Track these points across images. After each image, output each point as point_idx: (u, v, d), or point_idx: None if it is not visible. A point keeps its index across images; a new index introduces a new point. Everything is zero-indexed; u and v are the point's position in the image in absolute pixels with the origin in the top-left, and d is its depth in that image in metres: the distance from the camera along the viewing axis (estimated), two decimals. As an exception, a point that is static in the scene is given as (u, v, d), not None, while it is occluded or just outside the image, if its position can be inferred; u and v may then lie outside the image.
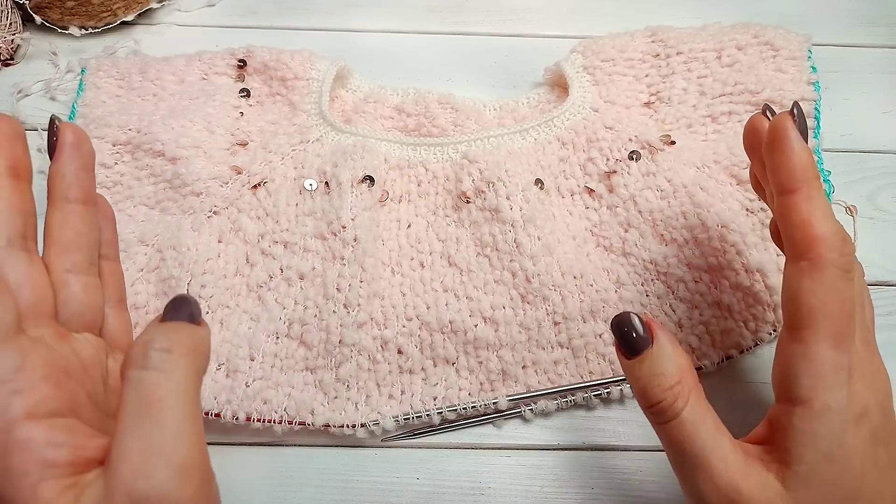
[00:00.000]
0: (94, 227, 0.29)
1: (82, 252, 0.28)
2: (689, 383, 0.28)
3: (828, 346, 0.27)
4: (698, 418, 0.28)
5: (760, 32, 0.46)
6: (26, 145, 0.27)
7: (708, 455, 0.27)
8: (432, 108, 0.46)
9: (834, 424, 0.27)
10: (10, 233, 0.26)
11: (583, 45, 0.48)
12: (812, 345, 0.27)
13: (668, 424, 0.28)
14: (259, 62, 0.47)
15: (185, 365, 0.24)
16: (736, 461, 0.27)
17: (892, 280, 0.44)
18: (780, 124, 0.28)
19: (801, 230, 0.27)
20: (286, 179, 0.43)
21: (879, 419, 0.28)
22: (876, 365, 0.29)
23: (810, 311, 0.27)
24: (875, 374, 0.28)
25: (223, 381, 0.38)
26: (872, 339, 0.30)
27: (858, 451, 0.27)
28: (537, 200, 0.42)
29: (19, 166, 0.27)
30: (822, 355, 0.27)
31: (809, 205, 0.27)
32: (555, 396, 0.39)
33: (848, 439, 0.27)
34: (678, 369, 0.28)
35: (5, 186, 0.26)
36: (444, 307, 0.39)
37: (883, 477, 0.27)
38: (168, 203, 0.42)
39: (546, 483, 0.38)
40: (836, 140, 0.49)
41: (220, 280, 0.40)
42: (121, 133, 0.44)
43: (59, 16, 0.51)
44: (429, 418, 0.38)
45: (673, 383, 0.28)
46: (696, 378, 0.29)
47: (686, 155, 0.43)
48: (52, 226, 0.28)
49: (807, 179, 0.28)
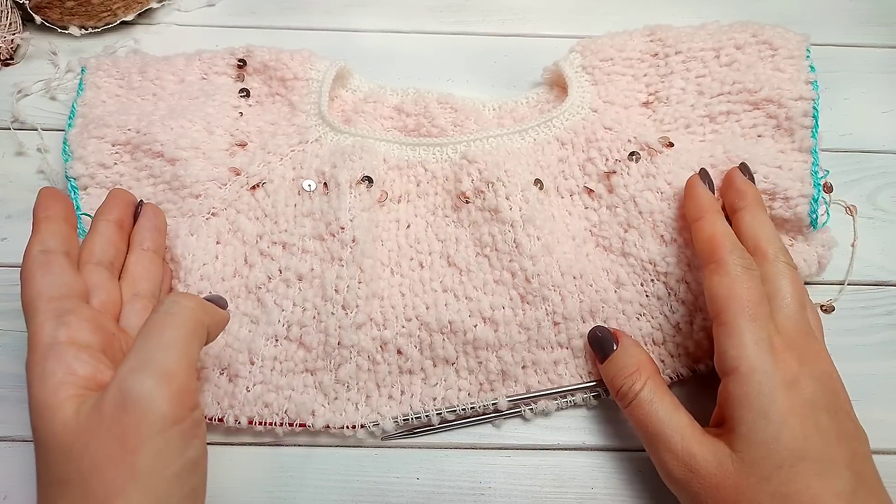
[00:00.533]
0: (159, 269, 0.38)
1: (146, 284, 0.37)
2: (646, 372, 0.35)
3: (744, 321, 0.32)
4: (655, 398, 0.34)
5: (759, 31, 0.46)
6: (132, 210, 0.39)
7: (665, 428, 0.33)
8: (432, 108, 0.46)
9: (763, 385, 0.31)
10: (102, 258, 0.36)
11: (581, 45, 0.48)
12: (730, 323, 0.33)
13: (630, 406, 0.35)
14: (259, 62, 0.47)
15: (190, 316, 0.31)
16: (692, 433, 0.32)
17: (892, 280, 0.44)
18: (691, 180, 0.40)
19: (706, 243, 0.36)
20: (285, 180, 0.43)
21: (817, 389, 0.32)
22: (815, 350, 0.33)
23: (722, 298, 0.33)
24: (812, 356, 0.33)
25: (225, 386, 0.38)
26: (812, 332, 0.34)
27: (794, 412, 0.31)
28: (536, 201, 0.42)
29: (125, 222, 0.38)
30: (739, 328, 0.32)
31: (712, 226, 0.36)
32: (555, 396, 0.39)
33: (779, 399, 0.31)
34: (636, 361, 0.36)
35: (111, 230, 0.37)
36: (444, 307, 0.39)
37: (829, 441, 0.31)
38: (168, 205, 0.42)
39: (546, 483, 0.38)
40: (836, 140, 0.49)
41: (219, 283, 0.40)
42: (120, 133, 0.44)
43: (59, 16, 0.51)
44: (428, 419, 0.38)
45: (631, 372, 0.35)
46: (655, 369, 0.36)
47: (684, 158, 0.43)
48: (129, 264, 0.37)
49: (709, 210, 0.37)
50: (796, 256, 0.41)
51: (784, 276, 0.35)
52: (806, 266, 0.42)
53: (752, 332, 0.32)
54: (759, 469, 0.30)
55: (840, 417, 0.32)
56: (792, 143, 0.43)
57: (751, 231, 0.37)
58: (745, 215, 0.38)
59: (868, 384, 0.40)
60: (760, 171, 0.41)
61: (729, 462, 0.31)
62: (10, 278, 0.43)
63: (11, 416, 0.39)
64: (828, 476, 0.30)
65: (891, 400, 0.40)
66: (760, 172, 0.41)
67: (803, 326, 0.34)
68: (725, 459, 0.31)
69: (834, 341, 0.37)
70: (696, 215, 0.38)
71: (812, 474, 0.30)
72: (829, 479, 0.30)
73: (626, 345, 0.37)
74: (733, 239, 0.36)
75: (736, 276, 0.34)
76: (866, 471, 0.31)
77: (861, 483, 0.30)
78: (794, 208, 0.41)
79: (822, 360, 0.33)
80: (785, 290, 0.34)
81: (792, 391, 0.31)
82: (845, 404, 0.33)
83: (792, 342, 0.33)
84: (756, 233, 0.37)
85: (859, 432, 0.32)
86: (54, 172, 0.46)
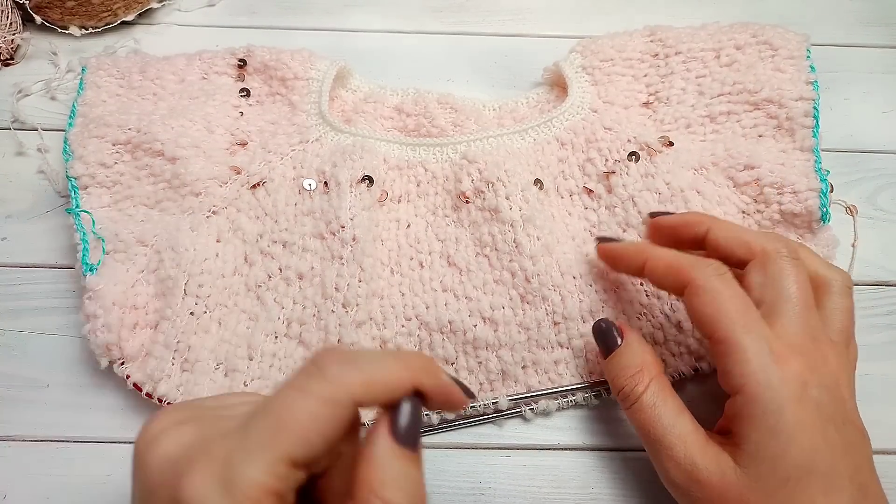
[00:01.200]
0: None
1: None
2: (650, 373, 0.33)
3: (738, 335, 0.30)
4: (658, 401, 0.32)
5: (759, 32, 0.46)
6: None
7: (668, 433, 0.32)
8: (432, 108, 0.46)
9: (771, 402, 0.29)
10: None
11: (581, 45, 0.48)
12: (725, 340, 0.31)
13: (632, 408, 0.33)
14: (259, 62, 0.47)
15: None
16: (695, 440, 0.31)
17: (892, 280, 0.44)
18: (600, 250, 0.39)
19: (666, 275, 0.34)
20: (285, 179, 0.43)
21: (825, 399, 0.30)
22: (823, 354, 0.31)
23: (709, 317, 0.31)
24: (820, 361, 0.31)
25: (221, 381, 0.38)
26: (820, 334, 0.32)
27: (803, 425, 0.29)
28: (536, 201, 0.42)
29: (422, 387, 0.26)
30: (736, 344, 0.30)
31: (660, 258, 0.35)
32: (555, 396, 0.39)
33: (788, 414, 0.29)
34: (640, 362, 0.34)
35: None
36: (444, 307, 0.39)
37: (836, 454, 0.29)
38: (167, 203, 0.42)
39: (546, 483, 0.38)
40: (836, 140, 0.49)
41: (219, 280, 0.40)
42: (120, 132, 0.44)
43: (59, 16, 0.51)
44: (428, 418, 0.38)
45: (634, 372, 0.33)
46: (659, 369, 0.34)
47: (684, 157, 0.43)
48: None
49: (644, 250, 0.36)
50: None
51: (787, 275, 0.32)
52: None
53: (749, 346, 0.30)
54: (765, 484, 0.29)
55: (847, 429, 0.31)
56: (793, 142, 0.43)
57: (732, 239, 0.34)
58: (716, 231, 0.35)
59: (868, 384, 0.40)
60: (765, 167, 0.41)
61: (732, 474, 0.30)
62: (11, 278, 0.43)
63: (11, 416, 0.39)
64: (832, 492, 0.29)
65: (891, 400, 0.40)
66: (765, 167, 0.41)
67: (809, 330, 0.32)
68: (729, 471, 0.30)
69: (834, 341, 0.37)
70: (637, 262, 0.35)
71: (817, 490, 0.29)
72: (833, 495, 0.29)
73: (630, 341, 0.35)
74: (687, 257, 0.34)
75: (714, 289, 0.32)
76: (869, 482, 0.30)
77: (864, 496, 0.29)
78: (804, 202, 0.41)
79: (829, 364, 0.31)
80: (789, 292, 0.32)
81: (801, 403, 0.30)
82: (852, 413, 0.31)
83: (796, 347, 0.31)
84: (739, 237, 0.34)
85: (864, 440, 0.32)
86: (54, 172, 0.46)
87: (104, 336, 0.37)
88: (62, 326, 0.41)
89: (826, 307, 0.34)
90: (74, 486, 0.37)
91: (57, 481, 0.37)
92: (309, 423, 0.23)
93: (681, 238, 0.37)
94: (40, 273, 0.43)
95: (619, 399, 0.35)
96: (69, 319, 0.41)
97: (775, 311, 0.32)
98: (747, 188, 0.42)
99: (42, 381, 0.40)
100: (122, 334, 0.38)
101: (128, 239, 0.41)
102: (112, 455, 0.38)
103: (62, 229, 0.44)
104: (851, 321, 0.34)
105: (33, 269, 0.43)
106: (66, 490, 0.37)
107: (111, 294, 0.38)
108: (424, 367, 0.26)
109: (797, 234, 0.42)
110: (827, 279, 0.34)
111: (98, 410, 0.39)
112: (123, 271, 0.40)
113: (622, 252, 0.37)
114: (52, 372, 0.40)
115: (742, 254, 0.34)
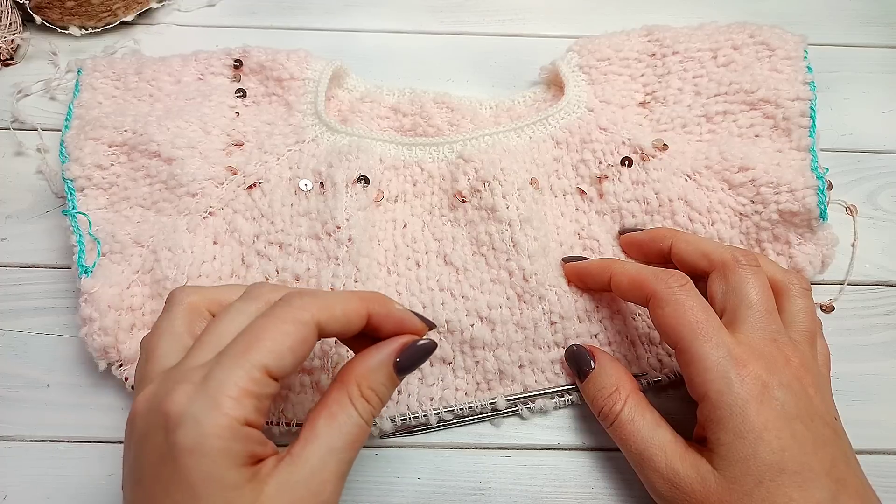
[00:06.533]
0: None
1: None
2: (626, 390, 0.35)
3: (699, 344, 0.32)
4: (637, 416, 0.34)
5: (756, 32, 0.46)
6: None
7: (648, 446, 0.33)
8: (428, 107, 0.46)
9: (733, 406, 0.31)
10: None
11: (578, 45, 0.48)
12: (687, 350, 0.32)
13: (612, 426, 0.35)
14: (255, 62, 0.47)
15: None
16: (674, 449, 0.33)
17: (892, 280, 0.44)
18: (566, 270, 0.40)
19: (630, 289, 0.36)
20: (281, 180, 0.43)
21: (788, 398, 0.31)
22: (784, 356, 0.33)
23: (672, 328, 0.33)
24: (781, 362, 0.32)
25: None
26: (780, 336, 0.33)
27: (768, 425, 0.30)
28: (533, 200, 0.42)
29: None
30: (697, 353, 0.32)
31: (623, 273, 0.36)
32: (552, 395, 0.39)
33: (752, 415, 0.31)
34: (615, 381, 0.36)
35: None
36: (441, 306, 0.39)
37: (806, 450, 0.30)
38: (164, 204, 0.42)
39: (546, 483, 0.38)
40: (835, 140, 0.49)
41: (216, 283, 0.40)
42: (117, 134, 0.44)
43: (59, 16, 0.51)
44: (426, 419, 0.38)
45: (610, 392, 0.35)
46: (634, 386, 0.36)
47: (678, 161, 0.43)
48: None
49: (609, 266, 0.37)
50: (802, 259, 0.41)
51: (748, 282, 0.34)
52: (811, 268, 0.42)
53: (709, 354, 0.32)
54: (741, 485, 0.30)
55: (816, 424, 0.31)
56: (789, 142, 0.43)
57: (693, 251, 0.37)
58: (677, 243, 0.37)
59: (868, 384, 0.40)
60: (760, 167, 0.41)
61: (712, 479, 0.31)
62: (11, 278, 0.43)
63: (11, 416, 0.39)
64: (808, 487, 0.30)
65: (891, 400, 0.40)
66: (760, 168, 0.41)
67: (770, 333, 0.33)
68: (708, 476, 0.31)
69: (834, 341, 0.37)
70: (603, 278, 0.37)
71: (792, 487, 0.30)
72: (809, 490, 0.30)
73: (603, 363, 0.37)
74: (649, 269, 0.36)
75: (676, 300, 0.33)
76: (847, 475, 0.31)
77: (843, 489, 0.30)
78: (801, 200, 0.40)
79: (791, 364, 0.32)
80: (750, 299, 0.34)
81: (763, 404, 0.31)
82: (821, 408, 0.32)
83: (756, 351, 0.32)
84: (699, 249, 0.36)
85: (838, 436, 0.32)
86: (53, 173, 0.46)
87: (101, 339, 0.37)
88: (62, 326, 0.41)
89: (788, 310, 0.35)
90: (74, 486, 0.37)
91: (57, 481, 0.37)
92: (280, 337, 0.27)
93: (649, 253, 0.39)
94: (40, 273, 0.43)
95: (600, 419, 0.36)
96: (69, 319, 0.41)
97: (737, 317, 0.34)
98: (743, 189, 0.42)
99: (42, 381, 0.40)
100: (119, 337, 0.38)
101: (124, 240, 0.41)
102: (112, 455, 0.38)
103: (62, 229, 0.44)
104: (814, 321, 0.35)
105: (33, 269, 0.43)
106: (66, 490, 0.37)
107: (106, 296, 0.38)
108: (376, 299, 0.30)
109: (797, 233, 0.42)
110: (786, 283, 0.36)
111: (98, 410, 0.39)
112: (119, 273, 0.40)
113: (586, 270, 0.39)
114: (52, 372, 0.40)
115: (704, 265, 0.36)
